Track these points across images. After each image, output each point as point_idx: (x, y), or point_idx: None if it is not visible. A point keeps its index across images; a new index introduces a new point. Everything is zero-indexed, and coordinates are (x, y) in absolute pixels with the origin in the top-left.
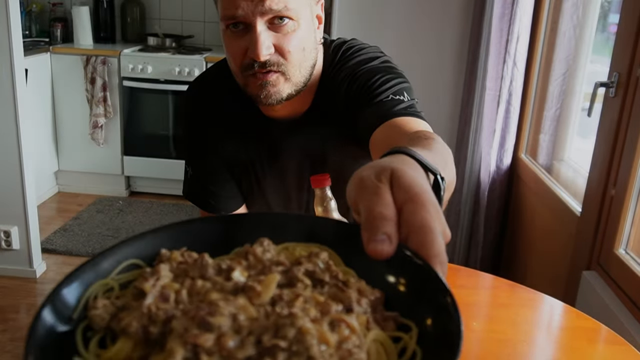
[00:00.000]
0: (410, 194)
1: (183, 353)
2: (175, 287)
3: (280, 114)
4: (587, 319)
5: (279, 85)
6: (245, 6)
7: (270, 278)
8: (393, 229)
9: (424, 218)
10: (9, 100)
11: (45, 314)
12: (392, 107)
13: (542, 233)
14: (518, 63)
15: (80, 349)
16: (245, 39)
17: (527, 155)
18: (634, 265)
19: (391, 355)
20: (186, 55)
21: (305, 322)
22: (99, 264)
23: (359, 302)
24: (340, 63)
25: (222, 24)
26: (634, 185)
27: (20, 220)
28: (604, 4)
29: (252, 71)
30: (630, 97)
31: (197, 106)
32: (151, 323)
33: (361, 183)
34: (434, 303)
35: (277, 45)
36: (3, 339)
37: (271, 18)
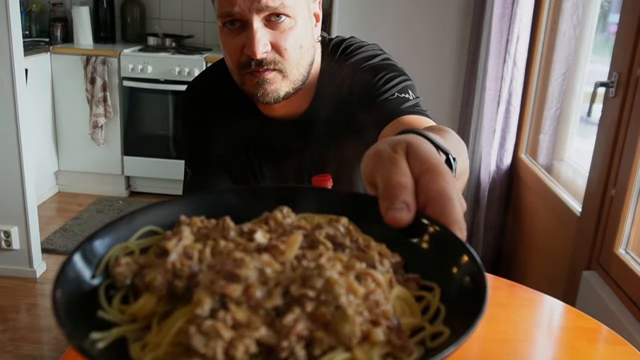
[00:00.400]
0: (427, 165)
1: (211, 303)
2: (198, 247)
3: (279, 113)
4: (587, 319)
5: (276, 84)
6: (242, 3)
7: (293, 238)
8: (411, 198)
9: (442, 187)
10: (9, 100)
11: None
12: (399, 105)
13: (542, 233)
14: (518, 63)
15: (103, 305)
16: (241, 37)
17: (527, 155)
18: (634, 265)
19: (415, 312)
20: (186, 55)
21: (333, 273)
22: (117, 229)
23: (381, 262)
24: (340, 61)
25: (219, 21)
26: (634, 185)
27: (20, 220)
28: (604, 4)
29: (249, 69)
30: (631, 97)
31: (195, 106)
32: (176, 278)
33: (377, 155)
34: (456, 263)
35: (273, 43)
36: (3, 339)
37: (268, 15)
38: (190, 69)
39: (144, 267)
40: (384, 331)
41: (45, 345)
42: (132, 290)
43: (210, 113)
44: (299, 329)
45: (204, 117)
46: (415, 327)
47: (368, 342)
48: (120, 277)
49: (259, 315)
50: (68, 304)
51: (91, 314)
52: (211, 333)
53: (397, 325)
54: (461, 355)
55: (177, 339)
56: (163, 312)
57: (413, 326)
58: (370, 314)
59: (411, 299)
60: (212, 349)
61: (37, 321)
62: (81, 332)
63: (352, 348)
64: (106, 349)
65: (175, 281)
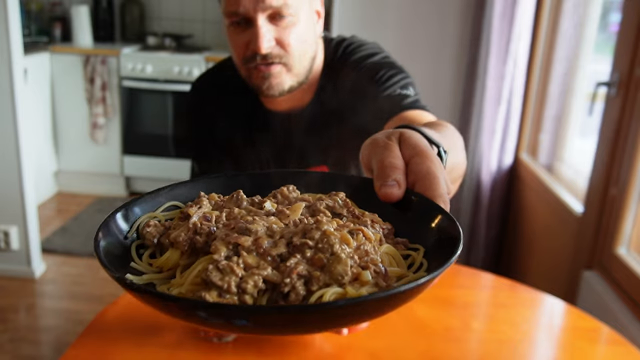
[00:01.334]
0: (417, 149)
1: (226, 251)
2: (215, 214)
3: (282, 108)
4: (587, 318)
5: (281, 77)
6: (247, 3)
7: (297, 205)
8: (402, 177)
9: (429, 167)
10: (8, 100)
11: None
12: (401, 100)
13: (543, 233)
14: (519, 63)
15: (134, 258)
16: (247, 33)
17: (527, 155)
18: (634, 265)
19: (401, 265)
20: (186, 54)
21: (330, 227)
22: (145, 203)
23: (372, 227)
24: (342, 58)
25: (225, 19)
26: (635, 185)
27: (20, 220)
28: (605, 3)
29: (254, 63)
30: (632, 96)
31: (201, 102)
32: (196, 235)
33: (373, 142)
34: (435, 222)
35: (277, 39)
36: (3, 340)
37: (271, 13)
38: (189, 68)
39: (168, 228)
40: (372, 274)
41: (44, 345)
42: (159, 249)
43: (215, 109)
44: (299, 269)
45: (210, 113)
46: (400, 275)
47: (358, 281)
48: (149, 236)
49: (266, 261)
50: (107, 250)
51: (124, 264)
52: (226, 270)
53: (384, 271)
54: (461, 355)
55: (197, 280)
56: (185, 265)
57: (398, 274)
58: (360, 261)
59: (398, 255)
60: (227, 282)
61: (37, 321)
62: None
63: (344, 285)
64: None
65: (196, 237)
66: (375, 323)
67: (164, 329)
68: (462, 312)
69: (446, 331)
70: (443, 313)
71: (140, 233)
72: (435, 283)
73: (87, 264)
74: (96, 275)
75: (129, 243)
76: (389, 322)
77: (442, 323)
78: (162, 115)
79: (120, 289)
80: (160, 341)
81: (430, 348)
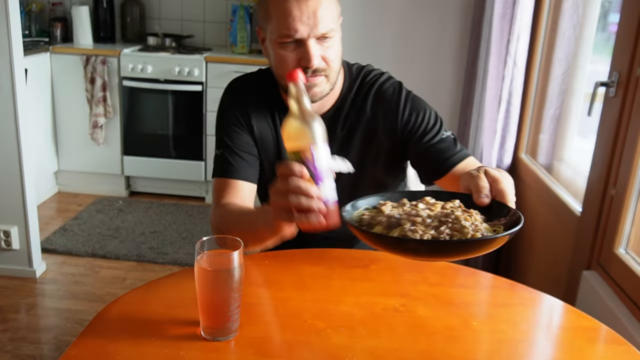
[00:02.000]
0: (494, 177)
1: (408, 225)
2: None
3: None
4: (587, 318)
5: (322, 85)
6: (303, 30)
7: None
8: (489, 192)
9: (502, 187)
10: (9, 100)
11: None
12: (449, 150)
13: (542, 232)
14: (518, 63)
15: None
16: (298, 52)
17: (527, 155)
18: (634, 265)
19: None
20: (186, 55)
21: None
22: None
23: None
24: (362, 83)
25: (276, 39)
26: (634, 184)
27: (20, 220)
28: (605, 4)
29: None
30: (631, 96)
31: (240, 91)
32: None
33: (469, 174)
34: (510, 214)
35: (322, 56)
36: (3, 339)
37: (319, 36)
38: (190, 68)
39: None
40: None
41: (45, 345)
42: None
43: (251, 102)
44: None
45: (246, 102)
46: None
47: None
48: (365, 221)
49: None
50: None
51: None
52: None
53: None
54: (461, 355)
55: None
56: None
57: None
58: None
59: (490, 229)
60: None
61: (37, 321)
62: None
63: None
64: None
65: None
66: (375, 323)
67: (163, 329)
68: (462, 311)
69: (446, 330)
70: (443, 312)
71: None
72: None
73: (88, 264)
74: (96, 275)
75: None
76: (389, 321)
77: (442, 322)
78: (162, 115)
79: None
80: (160, 341)
81: (430, 348)
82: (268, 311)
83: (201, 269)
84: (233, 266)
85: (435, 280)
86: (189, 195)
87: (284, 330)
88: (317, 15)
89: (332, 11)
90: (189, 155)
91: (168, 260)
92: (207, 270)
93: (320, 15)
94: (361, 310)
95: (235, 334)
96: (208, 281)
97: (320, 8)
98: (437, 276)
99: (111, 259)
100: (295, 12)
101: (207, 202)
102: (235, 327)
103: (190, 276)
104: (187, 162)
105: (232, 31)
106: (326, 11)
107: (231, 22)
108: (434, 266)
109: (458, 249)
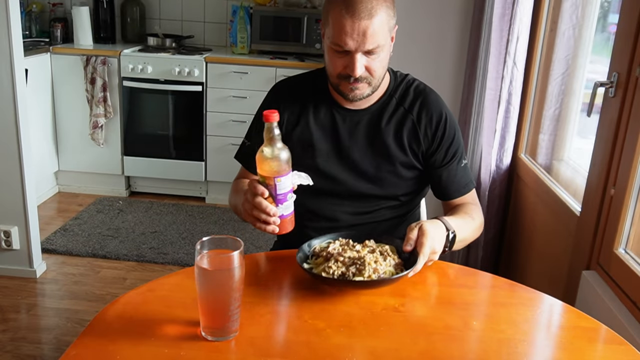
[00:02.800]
0: (423, 232)
1: (332, 262)
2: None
3: (349, 105)
4: (587, 318)
5: (363, 89)
6: (352, 44)
7: (363, 248)
8: (413, 243)
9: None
10: (9, 100)
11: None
12: (456, 183)
13: (542, 232)
14: (518, 63)
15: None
16: (345, 59)
17: (526, 155)
18: (633, 265)
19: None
20: (186, 55)
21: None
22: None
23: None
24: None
25: (330, 43)
26: (634, 184)
27: (20, 220)
28: (604, 4)
29: (348, 81)
30: (630, 96)
31: (279, 91)
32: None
33: (409, 226)
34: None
35: (367, 66)
36: (3, 339)
37: (366, 51)
38: (190, 69)
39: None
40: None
41: (45, 345)
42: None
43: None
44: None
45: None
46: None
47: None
48: (316, 250)
49: (342, 266)
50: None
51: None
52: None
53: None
54: (461, 354)
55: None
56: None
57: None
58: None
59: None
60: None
61: (37, 321)
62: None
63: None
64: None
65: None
66: (375, 323)
67: (164, 329)
68: (462, 311)
69: (446, 330)
70: (443, 312)
71: (313, 252)
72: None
73: (88, 264)
74: (96, 275)
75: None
76: (389, 321)
77: (442, 322)
78: (162, 115)
79: (121, 289)
80: (160, 341)
81: (430, 347)
82: (268, 311)
83: (201, 269)
84: (233, 266)
85: (435, 280)
86: (189, 196)
87: (284, 330)
88: (366, 34)
89: (382, 29)
90: (189, 156)
91: (168, 260)
92: (207, 270)
93: (370, 34)
94: (361, 310)
95: (235, 334)
96: (208, 281)
97: (371, 27)
98: (437, 276)
99: (111, 259)
100: (348, 28)
101: (207, 202)
102: (235, 327)
103: (190, 276)
104: (187, 162)
105: (232, 31)
106: (376, 30)
107: (231, 22)
108: (434, 266)
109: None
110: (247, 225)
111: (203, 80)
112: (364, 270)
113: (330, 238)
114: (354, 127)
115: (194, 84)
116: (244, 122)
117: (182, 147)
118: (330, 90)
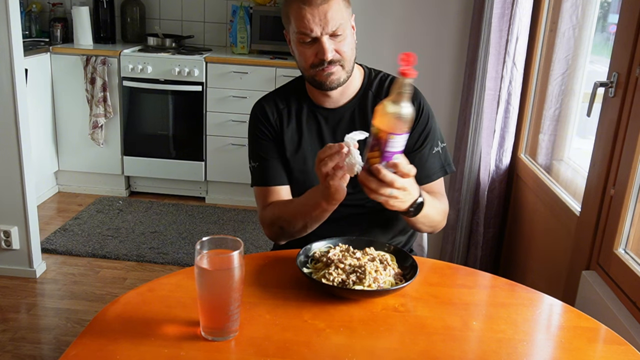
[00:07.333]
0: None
1: (332, 269)
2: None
3: (328, 105)
4: (586, 318)
5: (338, 74)
6: (317, 29)
7: (364, 256)
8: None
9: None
10: (9, 100)
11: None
12: (433, 168)
13: (542, 232)
14: (517, 63)
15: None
16: (314, 47)
17: (526, 155)
18: (633, 265)
19: (389, 285)
20: (186, 55)
21: (367, 266)
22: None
23: (393, 267)
24: (381, 80)
25: (296, 37)
26: (634, 184)
27: (20, 220)
28: (604, 4)
29: (322, 67)
30: (630, 97)
31: (260, 108)
32: (328, 259)
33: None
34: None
35: (336, 49)
36: (3, 339)
37: (331, 34)
38: (190, 69)
39: (322, 256)
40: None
41: (45, 345)
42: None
43: (275, 110)
44: (352, 279)
45: (264, 123)
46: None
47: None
48: (316, 255)
49: (342, 274)
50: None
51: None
52: (334, 270)
53: (380, 285)
54: (461, 354)
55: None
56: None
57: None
58: (374, 280)
59: (392, 282)
60: (332, 273)
61: (37, 321)
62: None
63: (369, 285)
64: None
65: (327, 261)
66: (375, 323)
67: (164, 329)
68: (462, 311)
69: (446, 330)
70: (443, 312)
71: (313, 256)
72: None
73: (88, 264)
74: (96, 275)
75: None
76: (389, 321)
77: (442, 322)
78: (162, 115)
79: (121, 289)
80: (160, 341)
81: (430, 348)
82: (268, 311)
83: (201, 269)
84: (233, 266)
85: (435, 280)
86: (189, 196)
87: (284, 330)
88: (327, 16)
89: (341, 11)
90: (189, 156)
91: (168, 260)
92: (207, 270)
93: (330, 16)
94: (361, 310)
95: (235, 334)
96: (208, 281)
97: (330, 10)
98: (436, 276)
99: (111, 259)
100: (309, 15)
101: (207, 202)
102: (235, 327)
103: (190, 276)
104: (187, 162)
105: (232, 31)
106: (335, 12)
107: (231, 22)
108: (434, 266)
109: (351, 294)
110: (247, 225)
111: (203, 80)
112: (364, 279)
113: (330, 243)
114: (337, 125)
115: (194, 84)
116: (244, 122)
117: (182, 147)
118: (309, 94)
